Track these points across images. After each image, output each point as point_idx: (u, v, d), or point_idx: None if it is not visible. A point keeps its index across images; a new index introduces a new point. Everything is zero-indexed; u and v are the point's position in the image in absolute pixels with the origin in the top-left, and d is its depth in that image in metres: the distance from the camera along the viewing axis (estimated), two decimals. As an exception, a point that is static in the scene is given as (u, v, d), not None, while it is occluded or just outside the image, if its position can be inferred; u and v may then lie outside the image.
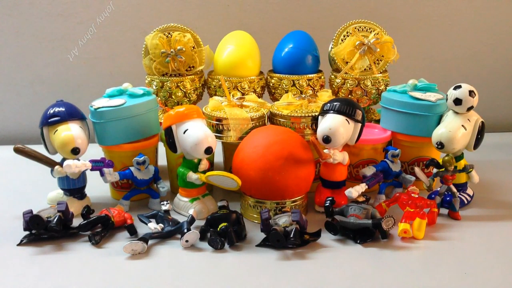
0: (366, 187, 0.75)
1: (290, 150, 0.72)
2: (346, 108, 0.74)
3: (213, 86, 0.93)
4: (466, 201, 0.79)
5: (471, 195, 0.80)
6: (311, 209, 0.79)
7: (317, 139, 0.74)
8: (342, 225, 0.68)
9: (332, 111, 0.74)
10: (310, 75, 0.92)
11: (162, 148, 0.87)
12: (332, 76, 0.95)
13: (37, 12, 1.14)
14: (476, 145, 0.76)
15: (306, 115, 0.80)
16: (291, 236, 0.64)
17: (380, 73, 0.92)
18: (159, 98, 0.90)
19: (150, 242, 0.67)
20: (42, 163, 0.76)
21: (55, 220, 0.67)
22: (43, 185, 0.87)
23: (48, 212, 0.69)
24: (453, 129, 0.74)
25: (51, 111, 0.76)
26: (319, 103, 0.81)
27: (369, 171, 0.78)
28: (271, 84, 0.94)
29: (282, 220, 0.68)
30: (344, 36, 0.94)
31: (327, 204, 0.71)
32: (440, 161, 0.76)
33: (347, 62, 0.92)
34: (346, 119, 0.73)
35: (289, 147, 0.72)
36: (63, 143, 0.73)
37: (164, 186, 0.80)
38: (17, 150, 0.75)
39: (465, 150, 0.77)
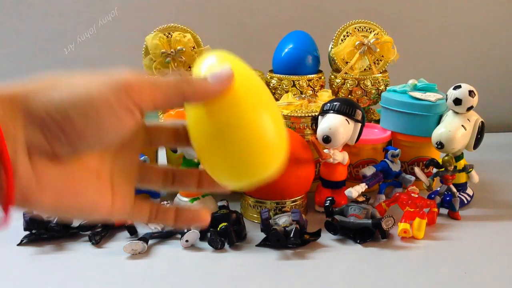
0: (366, 187, 0.75)
1: (290, 150, 0.71)
2: (346, 108, 0.74)
3: (213, 86, 0.93)
4: (466, 201, 0.79)
5: (471, 195, 0.80)
6: (311, 209, 0.79)
7: (317, 139, 0.74)
8: (342, 225, 0.68)
9: (332, 111, 0.74)
10: (310, 76, 0.92)
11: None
12: (332, 76, 0.95)
13: (37, 12, 1.15)
14: (476, 145, 0.76)
15: (306, 115, 0.80)
16: (291, 236, 0.64)
17: (380, 73, 0.92)
18: (159, 98, 0.90)
19: (150, 242, 0.67)
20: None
21: (55, 220, 0.67)
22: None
23: (48, 212, 0.69)
24: (453, 129, 0.74)
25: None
26: (319, 103, 0.81)
27: (369, 171, 0.78)
28: (271, 85, 0.94)
29: (282, 220, 0.68)
30: (344, 36, 0.94)
31: (327, 204, 0.71)
32: (440, 161, 0.76)
33: (347, 62, 0.92)
34: (346, 119, 0.73)
35: (289, 147, 0.72)
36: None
37: (164, 186, 0.80)
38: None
39: (465, 150, 0.77)
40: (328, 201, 0.71)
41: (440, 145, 0.74)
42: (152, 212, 0.34)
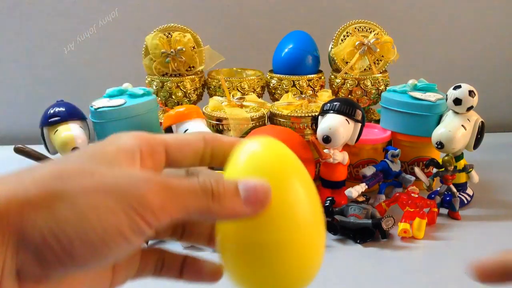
0: (366, 187, 0.75)
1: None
2: (346, 108, 0.74)
3: (213, 86, 0.93)
4: (466, 201, 0.79)
5: (471, 195, 0.80)
6: (311, 209, 0.79)
7: (317, 139, 0.74)
8: (342, 225, 0.68)
9: (332, 111, 0.74)
10: (310, 76, 0.92)
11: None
12: (332, 76, 0.95)
13: (37, 12, 1.14)
14: (476, 145, 0.76)
15: (306, 115, 0.80)
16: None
17: (380, 73, 0.92)
18: (159, 98, 0.90)
19: (150, 242, 0.67)
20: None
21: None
22: (43, 185, 0.87)
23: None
24: (453, 129, 0.74)
25: (51, 111, 0.76)
26: (319, 103, 0.81)
27: (369, 171, 0.78)
28: (271, 85, 0.94)
29: (282, 220, 0.68)
30: (344, 36, 0.94)
31: (327, 204, 0.71)
32: (440, 161, 0.76)
33: (347, 62, 0.92)
34: (346, 119, 0.73)
35: (289, 147, 0.72)
36: (64, 143, 0.73)
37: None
38: (18, 150, 0.75)
39: (465, 150, 0.77)
40: (328, 201, 0.71)
41: (440, 145, 0.74)
42: (157, 266, 0.30)
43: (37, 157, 0.75)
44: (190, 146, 0.28)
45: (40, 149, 0.77)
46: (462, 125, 0.74)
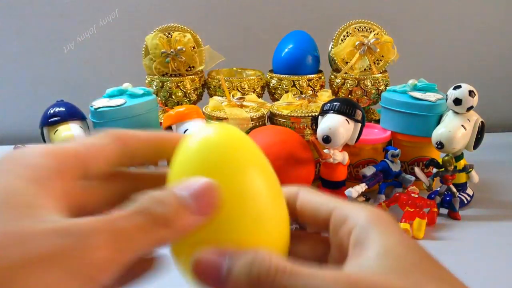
0: (366, 187, 0.75)
1: (290, 150, 0.72)
2: (346, 108, 0.73)
3: (213, 86, 0.93)
4: (466, 201, 0.79)
5: (471, 195, 0.80)
6: (311, 209, 0.79)
7: (317, 139, 0.74)
8: (342, 225, 0.68)
9: (332, 111, 0.74)
10: (310, 76, 0.92)
11: (162, 148, 0.87)
12: (332, 76, 0.95)
13: (37, 12, 1.15)
14: (476, 145, 0.76)
15: (306, 115, 0.80)
16: (291, 236, 0.64)
17: (380, 73, 0.92)
18: (159, 98, 0.90)
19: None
20: (42, 163, 0.76)
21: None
22: (43, 185, 0.86)
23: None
24: (453, 129, 0.74)
25: (51, 111, 0.76)
26: (319, 103, 0.81)
27: (369, 171, 0.78)
28: (271, 85, 0.94)
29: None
30: (344, 36, 0.94)
31: (327, 204, 0.71)
32: (440, 161, 0.76)
33: (347, 62, 0.92)
34: (346, 119, 0.73)
35: (289, 147, 0.72)
36: (63, 143, 0.73)
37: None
38: (17, 150, 0.75)
39: (465, 150, 0.77)
40: (328, 201, 0.71)
41: (440, 145, 0.74)
42: None
43: (37, 157, 0.75)
44: (102, 151, 0.24)
45: (40, 149, 0.77)
46: (462, 125, 0.74)
